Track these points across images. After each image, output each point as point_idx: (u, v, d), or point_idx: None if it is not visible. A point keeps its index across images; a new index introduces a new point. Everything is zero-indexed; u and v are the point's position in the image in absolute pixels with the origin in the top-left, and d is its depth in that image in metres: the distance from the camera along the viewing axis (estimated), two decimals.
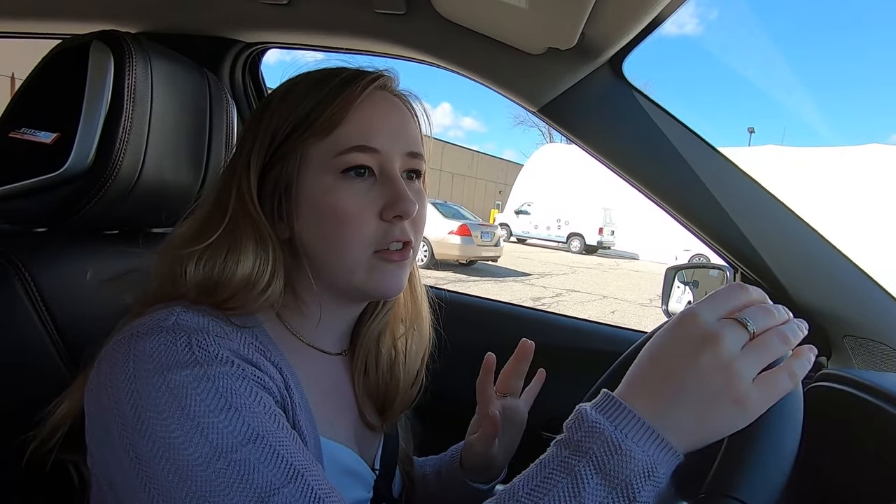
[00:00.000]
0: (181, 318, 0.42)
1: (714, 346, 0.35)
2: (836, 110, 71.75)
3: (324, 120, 0.47)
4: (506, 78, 0.81)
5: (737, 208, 0.81)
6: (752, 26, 78.01)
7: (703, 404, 0.35)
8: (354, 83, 0.49)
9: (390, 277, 0.50)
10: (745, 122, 73.64)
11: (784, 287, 0.82)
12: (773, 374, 0.36)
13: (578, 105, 0.80)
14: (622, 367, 0.70)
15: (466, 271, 9.12)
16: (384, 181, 0.49)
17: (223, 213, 0.48)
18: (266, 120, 0.50)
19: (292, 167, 0.48)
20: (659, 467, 0.34)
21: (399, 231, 0.49)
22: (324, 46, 0.92)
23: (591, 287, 8.72)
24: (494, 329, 1.11)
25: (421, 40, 0.82)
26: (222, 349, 0.41)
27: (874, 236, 13.70)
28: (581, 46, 0.73)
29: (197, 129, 0.70)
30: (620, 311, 6.81)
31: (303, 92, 0.49)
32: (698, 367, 0.35)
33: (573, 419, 0.37)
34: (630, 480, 0.33)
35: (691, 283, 1.07)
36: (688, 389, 0.35)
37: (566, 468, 0.34)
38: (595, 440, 0.35)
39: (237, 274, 0.46)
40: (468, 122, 74.02)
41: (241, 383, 0.40)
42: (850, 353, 0.80)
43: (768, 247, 0.81)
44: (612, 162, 0.83)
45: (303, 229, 0.49)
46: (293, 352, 0.51)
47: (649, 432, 0.34)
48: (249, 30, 0.92)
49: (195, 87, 0.70)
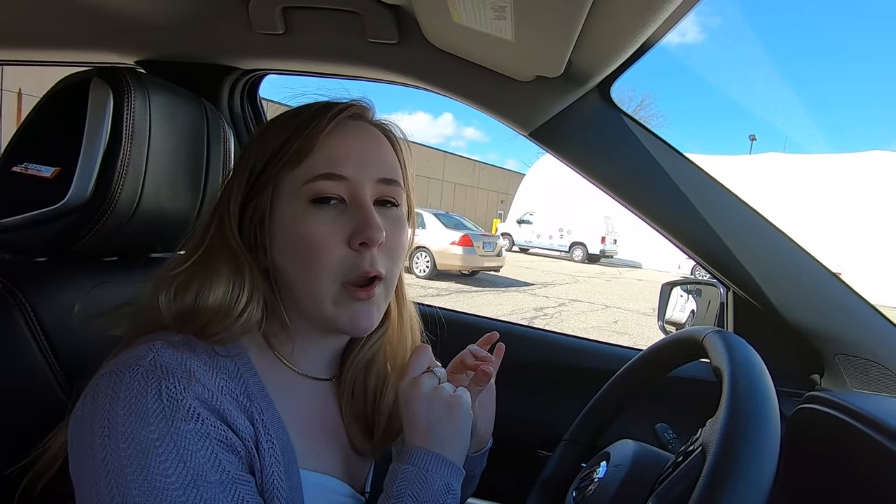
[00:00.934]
0: (159, 356, 0.43)
1: (419, 387, 0.51)
2: (839, 117, 71.75)
3: (295, 150, 0.49)
4: (496, 103, 0.82)
5: (726, 228, 0.82)
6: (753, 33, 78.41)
7: (441, 422, 0.50)
8: (324, 114, 0.50)
9: (358, 315, 0.50)
10: (746, 130, 73.65)
11: (775, 307, 0.83)
12: (461, 389, 0.53)
13: (568, 129, 0.82)
14: (615, 385, 0.71)
15: (469, 281, 9.12)
16: (353, 208, 0.49)
17: (202, 240, 0.51)
18: (247, 156, 0.52)
19: (266, 198, 0.50)
20: (453, 483, 0.48)
21: (368, 262, 0.49)
22: (319, 73, 0.95)
23: (593, 296, 8.70)
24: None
25: (413, 67, 0.84)
26: (189, 396, 0.42)
27: (877, 242, 13.63)
28: (569, 74, 0.74)
29: (194, 157, 0.72)
30: (623, 321, 6.78)
31: (278, 127, 0.52)
32: (423, 404, 0.51)
33: (389, 476, 0.49)
34: (437, 499, 0.47)
35: (694, 291, 1.08)
36: (432, 419, 0.50)
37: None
38: (409, 483, 0.47)
39: (209, 300, 0.47)
40: (470, 132, 74.50)
41: (203, 445, 0.41)
42: (841, 371, 0.81)
43: (758, 267, 0.82)
44: (603, 184, 0.85)
45: (278, 258, 0.50)
46: (279, 379, 0.51)
47: (439, 460, 0.48)
48: (247, 57, 0.94)
49: (193, 117, 0.72)
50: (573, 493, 0.58)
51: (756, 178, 15.54)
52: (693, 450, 0.45)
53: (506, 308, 6.86)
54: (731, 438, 0.38)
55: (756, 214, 0.83)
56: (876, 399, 0.61)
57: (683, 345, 0.60)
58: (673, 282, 1.19)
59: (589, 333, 5.45)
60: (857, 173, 15.11)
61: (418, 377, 0.52)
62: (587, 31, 0.62)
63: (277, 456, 0.46)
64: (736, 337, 0.50)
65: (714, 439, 0.39)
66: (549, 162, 19.90)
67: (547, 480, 0.70)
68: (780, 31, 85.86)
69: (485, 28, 0.63)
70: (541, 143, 0.85)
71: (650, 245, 14.72)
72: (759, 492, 0.36)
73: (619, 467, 0.54)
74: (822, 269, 0.82)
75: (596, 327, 6.25)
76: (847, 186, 14.90)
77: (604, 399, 0.71)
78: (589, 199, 14.09)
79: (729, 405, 0.41)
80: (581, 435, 0.72)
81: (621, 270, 14.46)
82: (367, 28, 0.79)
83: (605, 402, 0.71)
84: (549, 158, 0.93)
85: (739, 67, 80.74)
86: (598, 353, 1.09)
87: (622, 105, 0.83)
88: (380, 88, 0.93)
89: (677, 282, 1.18)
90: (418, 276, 8.90)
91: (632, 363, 0.69)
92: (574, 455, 0.70)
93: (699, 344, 0.55)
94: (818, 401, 0.59)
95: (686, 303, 1.09)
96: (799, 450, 0.61)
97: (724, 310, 0.93)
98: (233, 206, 0.51)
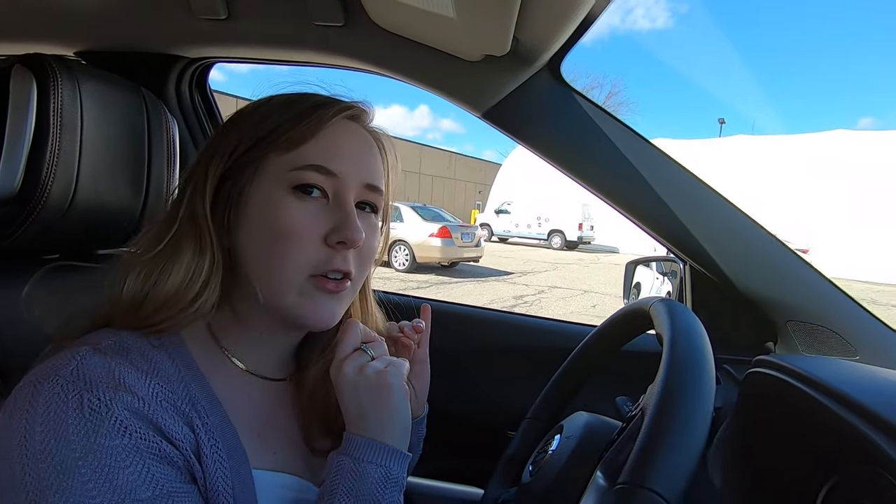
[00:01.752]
0: (83, 364, 0.40)
1: (343, 369, 0.48)
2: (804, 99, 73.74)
3: (289, 136, 0.48)
4: (447, 85, 0.82)
5: (679, 203, 0.83)
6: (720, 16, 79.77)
7: (373, 404, 0.47)
8: (327, 107, 0.49)
9: (322, 307, 0.49)
10: (716, 114, 75.19)
11: (729, 279, 0.84)
12: (392, 362, 0.50)
13: (520, 109, 0.82)
14: (573, 361, 0.71)
15: (449, 273, 9.13)
16: (335, 206, 0.49)
17: (171, 223, 0.48)
18: (232, 133, 0.50)
19: (247, 176, 0.48)
20: (394, 470, 0.45)
21: (341, 260, 0.48)
22: (268, 59, 0.92)
23: (572, 283, 8.81)
24: (453, 332, 1.12)
25: (361, 51, 0.82)
26: (116, 408, 0.39)
27: (843, 218, 14.12)
28: (517, 52, 0.74)
29: (134, 148, 0.70)
30: (601, 305, 6.89)
31: (272, 109, 0.50)
32: (349, 384, 0.48)
33: (326, 469, 0.46)
34: (373, 491, 0.44)
35: (669, 273, 1.09)
36: (362, 401, 0.47)
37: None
38: (343, 477, 0.44)
39: (166, 285, 0.45)
40: (447, 124, 74.28)
41: (132, 461, 0.39)
42: (793, 337, 0.83)
43: (712, 240, 0.84)
44: (558, 163, 0.85)
45: (244, 240, 0.48)
46: (226, 377, 0.49)
47: (375, 447, 0.45)
48: (191, 45, 0.92)
49: (130, 107, 0.69)
50: (529, 466, 0.58)
51: (725, 160, 15.92)
52: (635, 414, 0.46)
53: (486, 297, 6.90)
54: (666, 400, 0.39)
55: (708, 189, 0.84)
56: (819, 361, 0.63)
57: (633, 317, 0.61)
58: (636, 260, 1.21)
59: (569, 318, 5.52)
60: (822, 152, 15.60)
61: (344, 359, 0.49)
62: (529, 7, 0.62)
63: (223, 460, 0.44)
64: (678, 304, 0.51)
65: (652, 402, 0.40)
66: (524, 151, 20.06)
67: (510, 458, 0.70)
68: (745, 11, 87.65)
69: (426, 5, 0.62)
70: (494, 124, 0.84)
71: (626, 230, 14.96)
72: (693, 449, 0.36)
73: (570, 438, 0.54)
74: (773, 241, 0.83)
75: (575, 312, 6.33)
76: (812, 165, 15.38)
77: (563, 376, 0.72)
78: (565, 187, 14.22)
79: (666, 369, 0.41)
80: (543, 412, 0.72)
81: (599, 256, 14.66)
82: (311, 11, 0.77)
83: (564, 378, 0.72)
84: (524, 148, 0.93)
85: (708, 52, 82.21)
86: (565, 333, 1.11)
87: (593, 92, 0.84)
88: (354, 80, 0.92)
89: (640, 260, 1.20)
90: (398, 270, 8.88)
91: (587, 339, 0.69)
92: (536, 432, 0.71)
93: (647, 314, 0.55)
94: (765, 364, 0.61)
95: (662, 284, 1.11)
96: (749, 412, 0.63)
97: (683, 284, 0.95)
98: (210, 179, 0.48)
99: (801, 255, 0.84)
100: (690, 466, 0.36)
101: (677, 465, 0.36)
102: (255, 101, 0.52)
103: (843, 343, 0.80)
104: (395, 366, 0.49)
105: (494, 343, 1.09)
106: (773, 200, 13.57)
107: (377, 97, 0.55)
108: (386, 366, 0.49)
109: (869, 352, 0.78)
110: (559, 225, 16.25)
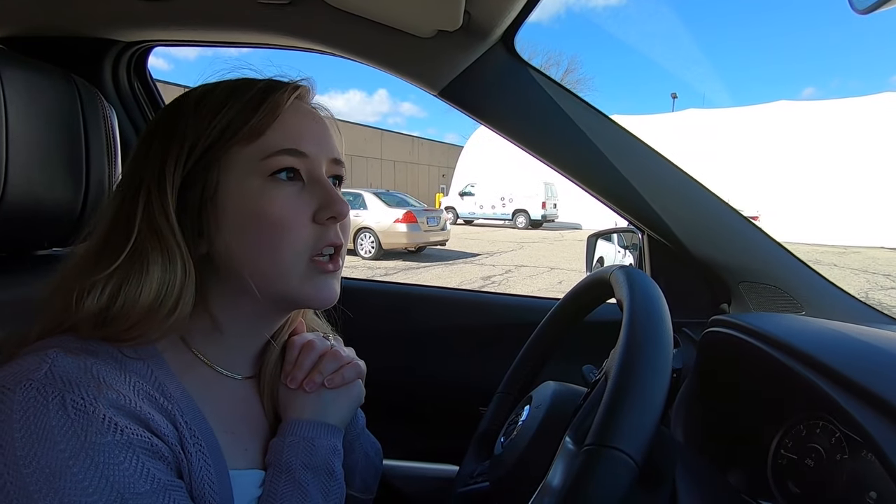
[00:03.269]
0: (56, 366, 0.38)
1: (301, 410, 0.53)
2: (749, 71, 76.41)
3: (251, 126, 0.46)
4: (401, 63, 0.80)
5: (636, 175, 0.85)
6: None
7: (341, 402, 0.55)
8: (278, 90, 0.48)
9: (325, 288, 0.50)
10: (669, 89, 77.14)
11: (684, 245, 0.87)
12: (340, 374, 0.56)
13: (476, 85, 0.81)
14: (540, 334, 0.72)
15: (416, 258, 9.12)
16: (313, 185, 0.49)
17: (128, 233, 0.44)
18: (181, 128, 0.46)
19: (214, 177, 0.46)
20: (337, 443, 0.52)
21: (333, 234, 0.49)
22: (211, 41, 0.88)
23: (538, 261, 8.96)
24: (420, 315, 1.12)
25: (310, 30, 0.79)
26: (101, 406, 0.38)
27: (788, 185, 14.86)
28: (469, 27, 0.73)
29: (69, 140, 0.65)
30: (567, 280, 7.04)
31: (221, 99, 0.47)
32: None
33: (271, 452, 0.51)
34: (327, 461, 0.50)
35: (630, 246, 1.11)
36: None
37: (292, 483, 0.48)
38: (296, 452, 0.50)
39: (139, 301, 0.43)
40: (407, 108, 73.34)
41: (127, 455, 0.38)
42: (745, 297, 0.87)
43: (668, 210, 0.86)
44: (518, 140, 0.85)
45: (227, 240, 0.46)
46: (198, 378, 0.48)
47: (321, 426, 0.52)
48: (127, 28, 0.86)
49: (61, 95, 0.65)
50: (501, 438, 0.59)
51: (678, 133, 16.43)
52: (599, 379, 0.47)
53: (454, 280, 6.93)
54: (627, 363, 0.40)
55: (663, 160, 0.86)
56: (770, 317, 0.66)
57: (595, 286, 0.62)
58: (597, 233, 1.23)
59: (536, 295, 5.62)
60: (766, 123, 16.31)
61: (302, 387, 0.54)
62: None
63: (206, 457, 0.44)
64: (637, 271, 0.52)
65: (614, 366, 0.41)
66: (485, 133, 20.05)
67: (482, 434, 0.71)
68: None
69: None
70: (452, 102, 0.83)
71: (588, 206, 15.30)
72: (654, 408, 0.38)
73: (539, 408, 0.56)
74: (725, 207, 0.87)
75: (542, 289, 6.46)
76: (758, 136, 16.07)
77: (530, 349, 0.73)
78: (528, 166, 14.36)
79: (626, 333, 0.42)
80: (512, 386, 0.73)
81: (563, 233, 14.94)
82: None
83: (531, 351, 0.73)
84: (484, 129, 0.92)
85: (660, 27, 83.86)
86: (531, 307, 1.12)
87: (550, 70, 0.83)
88: (305, 62, 0.88)
89: (601, 233, 1.22)
90: (364, 258, 8.79)
91: (552, 311, 0.70)
92: (507, 406, 0.72)
93: (608, 282, 0.56)
94: (720, 324, 0.63)
95: (623, 257, 1.13)
96: (707, 369, 0.66)
97: (643, 253, 0.98)
98: (169, 185, 0.45)
99: (751, 221, 0.88)
100: (653, 425, 0.37)
101: (640, 424, 0.37)
102: (198, 90, 0.49)
103: (791, 300, 0.84)
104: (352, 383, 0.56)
105: (463, 323, 1.10)
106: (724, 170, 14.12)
107: (334, 82, 0.56)
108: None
109: (814, 307, 0.82)
110: (523, 204, 16.44)
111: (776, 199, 14.27)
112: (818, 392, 0.47)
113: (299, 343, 0.57)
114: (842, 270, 8.49)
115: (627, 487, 0.35)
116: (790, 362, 0.51)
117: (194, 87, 0.50)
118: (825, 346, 0.51)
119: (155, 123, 0.49)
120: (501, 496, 0.57)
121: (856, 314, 0.81)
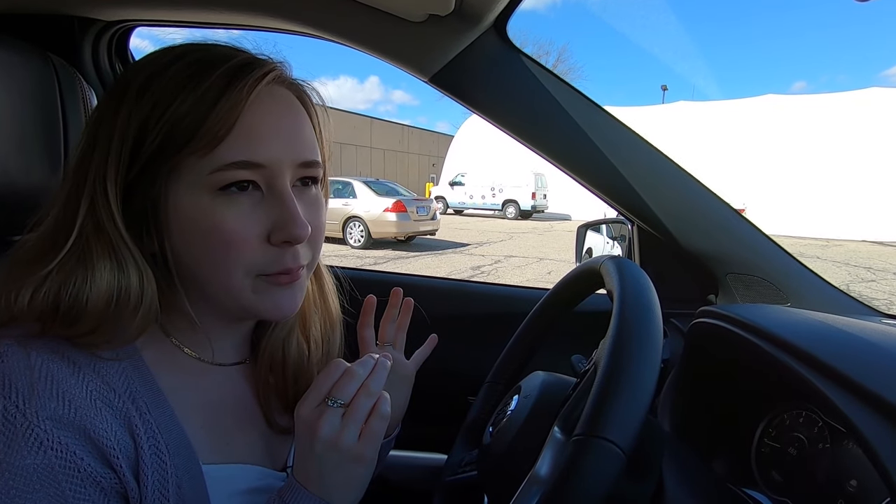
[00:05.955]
0: (4, 363, 0.37)
1: (316, 435, 0.42)
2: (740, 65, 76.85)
3: (204, 132, 0.40)
4: (392, 48, 0.79)
5: (626, 165, 0.85)
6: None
7: (338, 475, 0.43)
8: (239, 80, 0.41)
9: (281, 300, 0.46)
10: (659, 81, 77.33)
11: (673, 235, 0.88)
12: (370, 426, 0.44)
13: (467, 72, 0.80)
14: (529, 323, 0.72)
15: (405, 248, 9.09)
16: (272, 198, 0.43)
17: (69, 229, 0.41)
18: (122, 118, 0.41)
19: (161, 183, 0.42)
20: None
21: (290, 258, 0.44)
22: (196, 22, 0.85)
23: (527, 251, 8.99)
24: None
25: (301, 13, 0.77)
26: (37, 419, 0.36)
27: (775, 178, 15.04)
28: (461, 11, 0.72)
29: (47, 122, 0.63)
30: (556, 271, 7.08)
31: (172, 88, 0.41)
32: (317, 454, 0.43)
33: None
34: None
35: (619, 237, 1.11)
36: (324, 470, 0.43)
37: None
38: None
39: (91, 301, 0.40)
40: (399, 96, 72.62)
41: (42, 483, 0.35)
42: (732, 288, 0.88)
43: (658, 200, 0.86)
44: (508, 128, 0.84)
45: (178, 246, 0.43)
46: (177, 371, 0.46)
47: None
48: (107, 7, 0.83)
49: (37, 74, 0.62)
50: (489, 429, 0.59)
51: (668, 125, 16.51)
52: (589, 369, 0.47)
53: (443, 270, 6.93)
54: (616, 353, 0.40)
55: (654, 150, 0.86)
56: (755, 308, 0.67)
57: (585, 276, 0.62)
58: (587, 223, 1.23)
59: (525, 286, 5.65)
60: (754, 116, 16.44)
61: (318, 413, 0.43)
62: None
63: (164, 458, 0.42)
64: (627, 261, 0.52)
65: (603, 356, 0.41)
66: (476, 122, 19.97)
67: (471, 423, 0.71)
68: None
69: None
70: (442, 89, 0.82)
71: (578, 197, 15.37)
72: (643, 399, 0.38)
73: (528, 397, 0.56)
74: (713, 199, 0.87)
75: (531, 280, 6.49)
76: (746, 128, 16.21)
77: (520, 338, 0.73)
78: (518, 156, 14.34)
79: (616, 323, 0.42)
80: (501, 376, 0.73)
81: (553, 224, 14.99)
82: None
83: (521, 340, 0.73)
84: (476, 118, 0.90)
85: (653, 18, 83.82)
86: (521, 297, 1.12)
87: (542, 59, 0.82)
88: (298, 50, 0.85)
89: (590, 223, 1.22)
90: (353, 247, 8.75)
91: (542, 300, 0.70)
92: (495, 395, 0.72)
93: (598, 273, 0.56)
94: (708, 314, 0.64)
95: (612, 248, 1.13)
96: (694, 359, 0.66)
97: (632, 244, 0.98)
98: (110, 181, 0.41)
99: (739, 213, 0.89)
100: (642, 415, 0.37)
101: (629, 415, 0.37)
102: (144, 70, 0.42)
103: (777, 291, 0.85)
104: (372, 430, 0.44)
105: (452, 312, 1.09)
106: (712, 163, 14.24)
107: (324, 68, 0.51)
108: (359, 435, 0.44)
109: (799, 298, 0.83)
110: (513, 195, 16.44)
111: (762, 192, 14.45)
112: (803, 382, 0.47)
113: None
114: (824, 263, 8.65)
115: (616, 477, 0.35)
116: (776, 352, 0.51)
117: (144, 58, 0.44)
118: (810, 337, 0.52)
119: (101, 111, 0.44)
120: (489, 486, 0.57)
121: (839, 305, 0.82)
